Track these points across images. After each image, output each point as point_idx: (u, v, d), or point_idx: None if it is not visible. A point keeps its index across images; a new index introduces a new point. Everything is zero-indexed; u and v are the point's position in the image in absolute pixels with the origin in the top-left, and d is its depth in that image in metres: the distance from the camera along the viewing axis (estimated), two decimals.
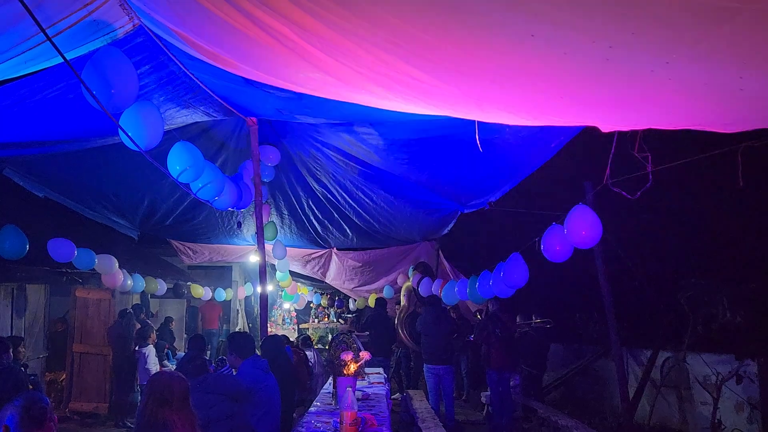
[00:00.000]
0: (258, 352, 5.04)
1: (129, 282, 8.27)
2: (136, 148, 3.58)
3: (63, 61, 2.80)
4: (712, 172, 8.50)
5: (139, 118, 3.51)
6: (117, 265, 7.62)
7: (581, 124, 3.15)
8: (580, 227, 4.70)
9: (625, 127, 2.81)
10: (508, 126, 4.69)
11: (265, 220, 8.12)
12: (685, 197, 9.39)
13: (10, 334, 7.43)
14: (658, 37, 1.64)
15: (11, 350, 5.17)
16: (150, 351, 8.15)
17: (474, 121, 4.49)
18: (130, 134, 3.45)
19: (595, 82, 2.08)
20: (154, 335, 8.54)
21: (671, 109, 2.22)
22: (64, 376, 9.32)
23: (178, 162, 4.34)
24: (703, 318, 7.56)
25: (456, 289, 8.08)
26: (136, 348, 8.29)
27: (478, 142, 4.71)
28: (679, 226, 9.71)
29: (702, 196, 9.23)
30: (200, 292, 11.11)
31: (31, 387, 5.25)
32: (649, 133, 3.49)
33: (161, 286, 9.58)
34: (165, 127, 3.92)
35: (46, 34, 2.64)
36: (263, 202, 7.85)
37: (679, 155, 5.01)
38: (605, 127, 2.71)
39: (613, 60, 1.82)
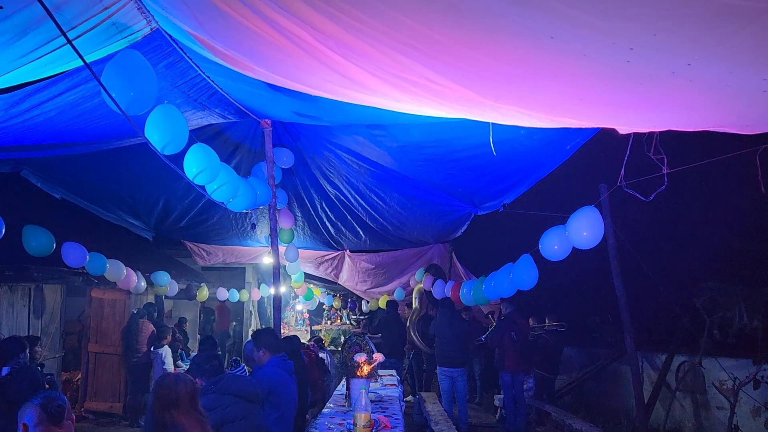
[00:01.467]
0: None
1: (143, 284, 8.35)
2: (158, 151, 3.61)
3: (83, 63, 2.83)
4: (729, 175, 8.44)
5: (165, 121, 3.54)
6: (125, 271, 7.66)
7: (599, 125, 3.14)
8: (580, 228, 4.70)
9: (643, 129, 2.79)
10: (523, 128, 4.68)
11: (287, 225, 8.16)
12: (701, 200, 9.31)
13: (27, 334, 7.51)
14: (680, 39, 1.63)
15: (28, 350, 5.22)
16: (166, 352, 8.20)
17: (488, 123, 4.48)
18: (156, 137, 3.48)
19: (615, 84, 2.06)
20: (170, 336, 8.60)
21: (692, 111, 2.20)
22: (79, 375, 9.41)
23: (195, 164, 4.36)
24: (720, 322, 7.49)
25: (464, 290, 8.07)
26: (152, 348, 8.35)
27: (492, 145, 4.70)
28: (696, 229, 9.63)
29: (719, 198, 9.15)
30: (204, 294, 11.15)
31: (47, 386, 5.29)
32: (666, 134, 3.47)
33: (172, 287, 9.64)
34: None
35: (66, 38, 2.68)
36: (284, 206, 7.91)
37: (696, 157, 4.97)
38: (623, 129, 2.70)
39: (633, 61, 1.81)
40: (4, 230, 5.08)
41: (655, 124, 2.67)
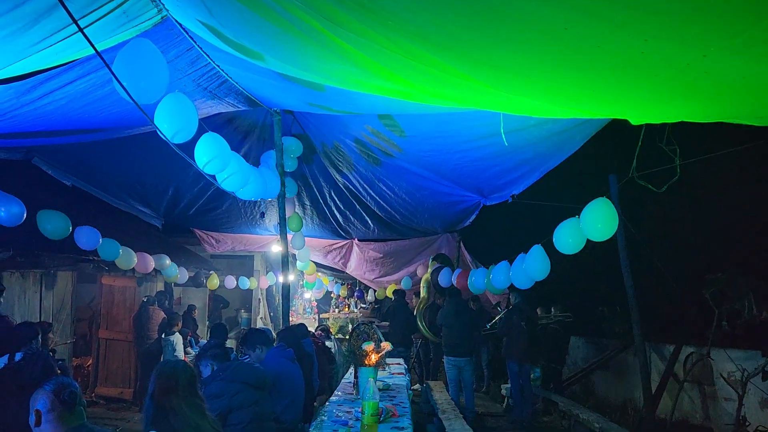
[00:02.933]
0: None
1: (167, 262, 8.41)
2: (168, 140, 3.63)
3: (94, 52, 2.84)
4: (740, 166, 8.37)
5: (175, 110, 3.55)
6: (136, 259, 7.69)
7: (611, 117, 3.12)
8: (596, 219, 4.67)
9: (656, 120, 2.77)
10: (533, 118, 4.66)
11: (289, 213, 8.18)
12: (711, 191, 9.25)
13: (39, 320, 7.58)
14: (696, 30, 1.61)
15: (40, 335, 5.27)
16: (177, 339, 8.29)
17: (499, 113, 4.46)
18: (166, 126, 3.48)
19: (629, 75, 2.05)
20: (180, 323, 8.68)
21: (706, 102, 2.18)
22: (90, 361, 9.51)
23: (206, 153, 4.37)
24: (728, 313, 7.46)
25: (473, 278, 8.07)
26: (163, 336, 8.43)
27: (503, 135, 4.68)
28: (706, 220, 9.57)
29: (729, 189, 9.09)
30: (215, 283, 11.20)
31: (59, 372, 5.35)
32: (677, 126, 3.44)
33: (183, 275, 9.69)
34: None
35: (78, 25, 2.68)
36: (293, 195, 7.93)
37: (706, 148, 4.95)
38: (635, 120, 2.68)
39: (648, 53, 1.79)
40: (25, 215, 5.17)
41: (668, 116, 2.65)
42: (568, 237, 4.92)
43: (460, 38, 2.12)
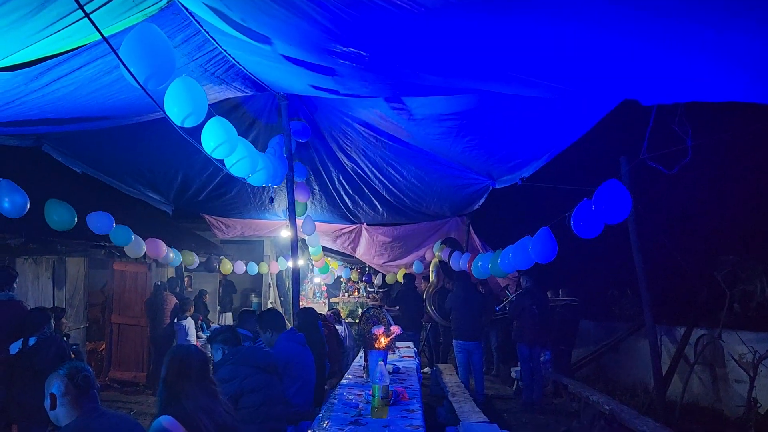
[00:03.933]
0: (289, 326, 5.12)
1: (171, 255, 8.46)
2: (176, 125, 3.62)
3: (101, 37, 2.83)
4: (753, 147, 8.27)
5: (184, 94, 3.53)
6: (145, 247, 7.75)
7: (623, 97, 3.08)
8: (608, 202, 4.63)
9: (667, 100, 2.73)
10: (543, 99, 4.61)
11: (302, 199, 8.17)
12: (724, 172, 9.17)
13: (52, 305, 7.66)
14: (710, 7, 1.58)
15: (53, 320, 5.34)
16: (189, 324, 8.37)
17: (509, 95, 4.42)
18: (175, 110, 3.48)
19: (641, 54, 2.02)
20: (192, 308, 8.76)
21: (720, 80, 2.14)
22: (104, 345, 9.63)
23: (213, 138, 4.36)
24: (740, 295, 7.42)
25: (480, 263, 8.06)
26: (175, 320, 8.51)
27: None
28: (718, 202, 9.50)
29: (742, 171, 9.00)
30: (228, 268, 11.27)
31: (73, 356, 5.42)
32: (689, 107, 3.40)
33: (195, 260, 9.76)
34: None
35: (84, 11, 2.67)
36: (303, 180, 7.91)
37: (719, 129, 4.88)
38: (646, 100, 2.64)
39: (661, 30, 1.77)
40: (29, 206, 5.17)
41: (680, 95, 2.61)
42: (585, 221, 4.88)
43: (469, 21, 2.09)
